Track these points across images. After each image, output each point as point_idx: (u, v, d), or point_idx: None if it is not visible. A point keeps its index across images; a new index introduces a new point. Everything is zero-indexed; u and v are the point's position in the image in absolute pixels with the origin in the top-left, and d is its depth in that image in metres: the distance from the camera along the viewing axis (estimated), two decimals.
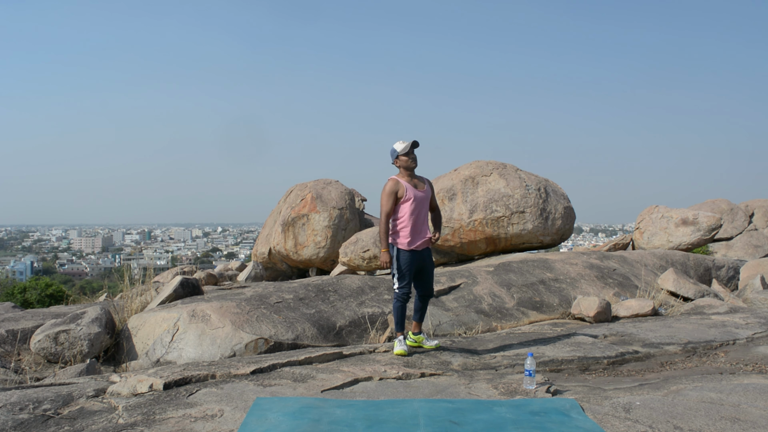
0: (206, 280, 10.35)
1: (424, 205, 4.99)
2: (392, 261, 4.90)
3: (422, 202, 4.98)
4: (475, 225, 11.27)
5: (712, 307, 7.35)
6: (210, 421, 3.23)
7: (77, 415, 3.36)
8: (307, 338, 5.67)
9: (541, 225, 11.34)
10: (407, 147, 4.90)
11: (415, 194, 4.90)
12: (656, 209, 14.93)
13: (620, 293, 8.06)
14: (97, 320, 5.76)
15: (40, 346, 5.59)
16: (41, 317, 6.79)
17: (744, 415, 3.34)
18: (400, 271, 4.90)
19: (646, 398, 3.65)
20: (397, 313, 4.99)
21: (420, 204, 4.94)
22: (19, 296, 13.36)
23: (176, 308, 5.90)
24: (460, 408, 3.47)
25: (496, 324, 6.83)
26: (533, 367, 3.89)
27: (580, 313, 6.98)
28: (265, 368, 4.26)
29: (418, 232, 4.92)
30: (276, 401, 3.53)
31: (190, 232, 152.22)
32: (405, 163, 4.91)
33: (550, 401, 3.61)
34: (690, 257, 10.46)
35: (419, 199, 4.93)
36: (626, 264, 9.37)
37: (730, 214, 16.40)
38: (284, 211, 14.46)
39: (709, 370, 4.61)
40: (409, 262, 4.89)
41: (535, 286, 7.89)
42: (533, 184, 11.64)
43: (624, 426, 3.19)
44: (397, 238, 4.91)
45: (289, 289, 6.74)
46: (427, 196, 5.02)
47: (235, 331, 5.43)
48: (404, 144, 4.91)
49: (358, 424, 3.18)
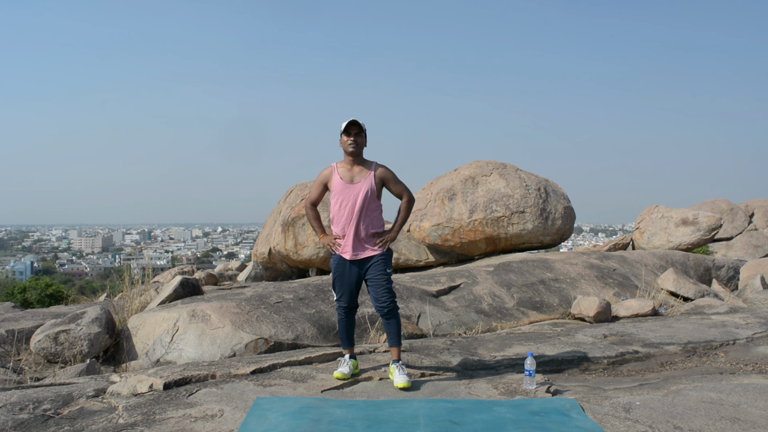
0: (206, 280, 10.35)
1: (357, 202, 3.98)
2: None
3: (350, 196, 4.00)
4: (475, 225, 11.27)
5: (712, 307, 7.35)
6: (210, 421, 3.23)
7: (77, 415, 3.36)
8: (307, 338, 5.67)
9: (541, 225, 11.34)
10: (345, 125, 4.01)
11: (341, 187, 4.02)
12: (656, 209, 14.93)
13: (620, 293, 8.06)
14: (97, 320, 5.76)
15: (40, 346, 5.59)
16: (41, 317, 6.79)
17: (744, 415, 3.34)
18: (332, 279, 4.16)
19: (646, 398, 3.65)
20: (338, 327, 4.26)
21: (347, 199, 4.00)
22: (19, 296, 13.35)
23: (176, 308, 5.90)
24: (460, 408, 3.47)
25: (496, 324, 6.83)
26: (533, 367, 3.89)
27: (580, 313, 6.98)
28: (265, 368, 4.26)
29: (348, 235, 4.02)
30: (276, 401, 3.54)
31: (190, 232, 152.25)
32: (343, 145, 4.04)
33: (550, 401, 3.61)
34: (690, 257, 10.46)
35: (346, 194, 4.00)
36: (626, 264, 9.37)
37: (730, 214, 16.40)
38: (284, 211, 14.46)
39: (709, 370, 4.61)
40: (338, 271, 4.09)
41: (535, 286, 7.89)
42: (533, 184, 11.65)
43: (624, 426, 3.19)
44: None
45: (289, 289, 6.74)
46: (362, 190, 3.99)
47: (235, 331, 5.43)
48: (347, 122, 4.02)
49: (358, 424, 3.18)
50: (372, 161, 4.14)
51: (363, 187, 4.00)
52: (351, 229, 4.01)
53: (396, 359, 4.06)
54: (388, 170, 4.15)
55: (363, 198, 3.99)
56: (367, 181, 4.02)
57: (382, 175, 4.10)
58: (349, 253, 4.03)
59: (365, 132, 4.09)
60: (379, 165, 4.14)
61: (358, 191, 3.99)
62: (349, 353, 4.21)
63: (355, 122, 3.99)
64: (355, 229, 4.01)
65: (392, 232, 4.13)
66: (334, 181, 4.06)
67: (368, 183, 4.02)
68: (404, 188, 4.19)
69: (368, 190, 4.01)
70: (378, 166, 4.13)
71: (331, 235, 4.12)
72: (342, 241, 4.06)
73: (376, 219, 4.10)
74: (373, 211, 4.08)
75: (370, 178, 4.03)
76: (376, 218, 4.10)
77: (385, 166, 4.16)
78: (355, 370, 4.17)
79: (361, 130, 4.03)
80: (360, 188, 4.00)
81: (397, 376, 3.94)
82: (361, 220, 4.02)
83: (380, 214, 4.14)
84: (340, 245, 4.06)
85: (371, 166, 4.10)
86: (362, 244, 4.04)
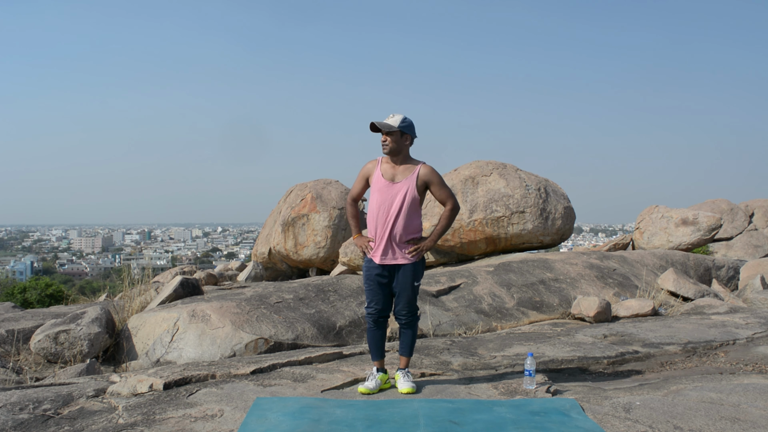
0: (206, 280, 10.36)
1: (395, 204, 3.73)
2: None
3: (389, 197, 3.74)
4: (475, 225, 11.28)
5: (712, 307, 7.35)
6: (210, 421, 3.23)
7: (77, 415, 3.36)
8: (307, 338, 5.67)
9: (541, 225, 11.34)
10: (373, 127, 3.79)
11: (381, 185, 3.77)
12: (656, 209, 14.94)
13: (620, 293, 8.06)
14: (97, 320, 5.76)
15: (40, 346, 5.59)
16: (41, 317, 6.79)
17: (744, 415, 3.34)
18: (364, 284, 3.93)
19: (646, 398, 3.65)
20: (367, 336, 4.01)
21: (386, 199, 3.74)
22: (19, 296, 13.36)
23: (176, 308, 5.90)
24: (460, 408, 3.47)
25: (496, 324, 6.83)
26: (533, 367, 3.89)
27: (580, 313, 6.98)
28: (265, 368, 4.26)
29: (381, 237, 3.77)
30: (276, 401, 3.53)
31: (190, 232, 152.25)
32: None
33: (550, 401, 3.61)
34: (690, 257, 10.46)
35: (385, 193, 3.75)
36: (626, 264, 9.37)
37: (730, 214, 16.40)
38: (284, 211, 14.46)
39: (709, 370, 4.61)
40: (367, 275, 3.85)
41: (535, 286, 7.89)
42: (533, 184, 11.65)
43: (624, 426, 3.19)
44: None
45: (289, 289, 6.74)
46: (401, 191, 3.73)
47: (235, 331, 5.43)
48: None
49: (358, 424, 3.18)
50: (419, 161, 3.84)
51: (403, 188, 3.73)
52: (386, 232, 3.74)
53: (403, 367, 3.93)
54: (434, 172, 3.83)
55: (401, 200, 3.72)
56: (408, 182, 3.74)
57: (426, 177, 3.80)
58: (379, 257, 3.78)
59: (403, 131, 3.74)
60: (426, 165, 3.83)
61: (398, 192, 3.73)
62: (378, 366, 3.89)
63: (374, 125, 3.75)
64: (390, 232, 3.73)
65: (428, 241, 3.82)
66: (374, 177, 3.80)
67: (410, 184, 3.74)
68: (449, 194, 3.85)
69: (408, 192, 3.73)
70: (424, 165, 3.82)
71: (365, 237, 3.87)
72: (374, 244, 3.81)
73: (414, 224, 3.80)
74: (412, 214, 3.77)
75: (413, 179, 3.75)
76: (413, 223, 3.79)
77: (432, 167, 3.85)
78: (384, 384, 3.85)
79: (393, 130, 3.71)
80: (400, 189, 3.73)
81: (403, 382, 3.83)
82: (397, 223, 3.73)
83: (419, 219, 3.84)
84: (373, 248, 3.81)
85: (416, 166, 3.80)
86: (395, 249, 3.77)
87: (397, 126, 3.71)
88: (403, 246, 3.78)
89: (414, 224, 3.81)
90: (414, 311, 3.88)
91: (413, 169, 3.79)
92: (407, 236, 3.79)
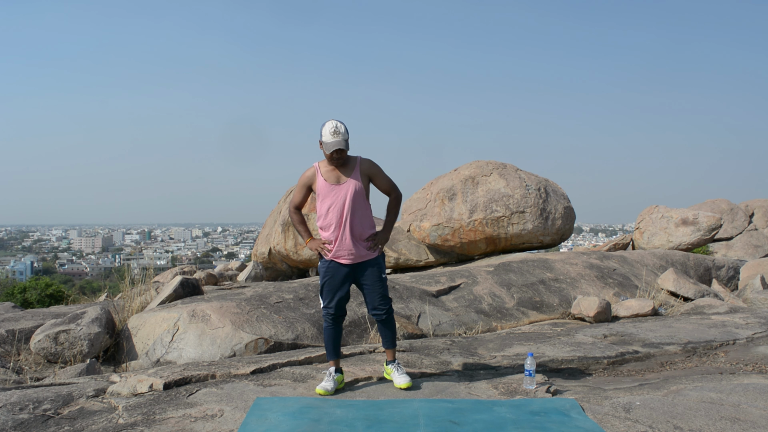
0: (206, 280, 10.35)
1: (346, 203, 3.75)
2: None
3: (338, 198, 3.76)
4: (475, 225, 11.28)
5: (712, 307, 7.35)
6: (210, 421, 3.23)
7: (77, 415, 3.36)
8: (307, 338, 5.67)
9: (541, 225, 11.35)
10: (328, 144, 3.69)
11: (327, 189, 3.78)
12: (656, 209, 14.94)
13: (620, 293, 8.06)
14: (97, 320, 5.76)
15: (40, 346, 5.59)
16: (41, 317, 6.79)
17: (744, 415, 3.34)
18: (320, 285, 3.94)
19: (646, 398, 3.65)
20: (324, 336, 3.97)
21: (335, 202, 3.76)
22: (19, 296, 13.35)
23: (176, 308, 5.90)
24: (460, 408, 3.47)
25: (496, 324, 6.83)
26: (533, 367, 3.89)
27: (580, 313, 6.98)
28: (265, 368, 4.26)
29: (339, 238, 3.78)
30: (276, 401, 3.54)
31: (190, 232, 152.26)
32: (325, 154, 3.76)
33: (550, 401, 3.62)
34: (690, 257, 10.46)
35: (333, 196, 3.77)
36: (626, 264, 9.37)
37: (730, 214, 16.41)
38: (284, 211, 14.45)
39: (709, 370, 4.61)
40: (327, 276, 3.84)
41: (535, 286, 7.89)
42: (533, 184, 11.65)
43: (624, 426, 3.19)
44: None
45: (289, 289, 6.74)
46: (349, 190, 3.75)
47: (235, 331, 5.43)
48: (326, 126, 3.70)
49: (358, 424, 3.18)
50: (355, 156, 3.84)
51: (351, 186, 3.75)
52: (344, 233, 3.76)
53: (391, 360, 3.99)
54: (374, 164, 3.88)
55: (352, 197, 3.74)
56: (353, 179, 3.76)
57: (368, 170, 3.85)
58: (344, 257, 3.79)
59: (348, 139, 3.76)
60: (364, 159, 3.86)
61: (346, 191, 3.74)
62: (335, 366, 3.91)
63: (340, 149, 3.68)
64: (348, 231, 3.76)
65: (384, 233, 3.90)
66: (318, 184, 3.80)
67: (355, 180, 3.76)
68: (391, 184, 3.93)
69: (356, 188, 3.76)
70: (362, 160, 3.85)
71: (319, 239, 3.88)
72: (332, 246, 3.81)
73: (367, 219, 3.86)
74: (365, 209, 3.83)
75: (356, 175, 3.77)
76: (366, 218, 3.85)
77: (370, 159, 3.89)
78: (339, 385, 3.85)
79: (346, 148, 3.72)
80: (348, 187, 3.75)
81: (398, 376, 3.88)
82: (355, 221, 3.78)
83: (371, 214, 3.91)
84: (331, 250, 3.81)
85: (355, 163, 3.82)
86: (358, 246, 3.80)
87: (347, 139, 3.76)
88: (362, 243, 3.83)
89: (369, 218, 3.88)
90: (389, 302, 3.93)
91: (353, 164, 3.82)
92: (366, 232, 3.85)
